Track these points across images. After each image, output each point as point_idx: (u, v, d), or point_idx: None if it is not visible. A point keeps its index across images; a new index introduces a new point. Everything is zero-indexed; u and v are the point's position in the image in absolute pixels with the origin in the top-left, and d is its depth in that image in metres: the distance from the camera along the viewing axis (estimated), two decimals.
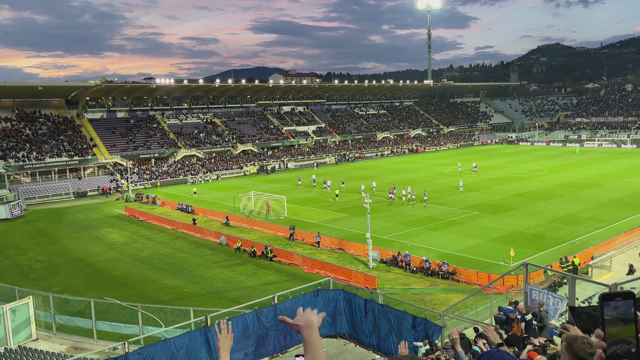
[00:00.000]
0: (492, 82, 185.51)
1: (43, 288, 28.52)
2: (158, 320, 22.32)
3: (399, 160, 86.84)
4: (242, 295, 26.99)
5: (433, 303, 25.11)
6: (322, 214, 46.50)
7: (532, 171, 66.52)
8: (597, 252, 29.77)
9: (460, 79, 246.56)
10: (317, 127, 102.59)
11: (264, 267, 32.70)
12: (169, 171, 74.48)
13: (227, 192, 59.90)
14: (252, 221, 44.62)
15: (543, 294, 14.50)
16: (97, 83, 75.60)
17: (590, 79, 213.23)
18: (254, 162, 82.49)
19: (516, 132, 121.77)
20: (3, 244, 42.25)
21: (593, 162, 74.26)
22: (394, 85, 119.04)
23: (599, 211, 42.19)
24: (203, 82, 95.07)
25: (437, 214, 43.83)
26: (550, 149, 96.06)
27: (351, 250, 34.62)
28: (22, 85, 72.92)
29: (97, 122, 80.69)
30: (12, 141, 68.44)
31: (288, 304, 20.33)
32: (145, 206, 55.49)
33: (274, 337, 19.70)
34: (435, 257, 31.36)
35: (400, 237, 37.10)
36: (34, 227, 48.24)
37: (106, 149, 74.82)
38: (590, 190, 51.58)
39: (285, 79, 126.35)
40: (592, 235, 35.09)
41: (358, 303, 20.47)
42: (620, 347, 1.53)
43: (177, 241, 40.52)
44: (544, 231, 36.72)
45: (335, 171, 74.71)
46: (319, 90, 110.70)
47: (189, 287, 29.44)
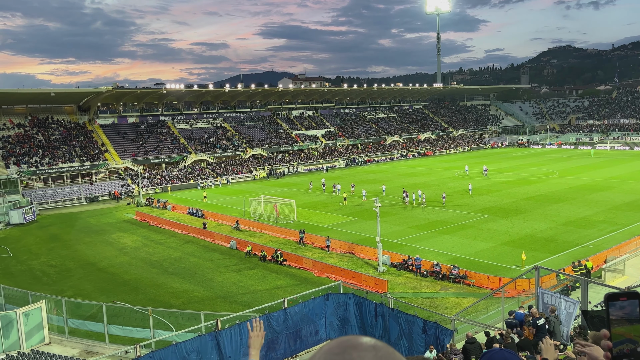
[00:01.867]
0: (502, 85, 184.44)
1: (55, 292, 28.80)
2: (169, 324, 22.42)
3: (409, 164, 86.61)
4: (252, 300, 27.04)
5: (444, 307, 24.97)
6: (331, 217, 46.49)
7: (543, 174, 66.00)
8: (610, 255, 29.44)
9: (470, 82, 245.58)
10: (327, 131, 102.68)
11: (274, 271, 32.73)
12: (179, 176, 74.92)
13: (237, 197, 60.12)
14: (262, 225, 44.72)
15: (555, 297, 14.37)
16: (108, 89, 76.38)
17: (602, 81, 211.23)
18: (263, 167, 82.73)
19: (527, 135, 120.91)
20: (16, 248, 42.72)
21: (605, 164, 73.51)
22: (403, 89, 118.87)
23: (611, 214, 41.73)
24: (213, 87, 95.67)
25: (448, 217, 43.62)
26: (562, 152, 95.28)
27: (361, 254, 34.55)
28: (34, 92, 73.85)
29: (108, 127, 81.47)
30: (25, 147, 69.28)
31: (298, 308, 20.33)
32: (156, 211, 55.85)
33: (284, 341, 19.69)
34: (445, 260, 31.19)
35: (411, 240, 36.97)
36: (47, 232, 48.73)
37: (117, 154, 75.46)
38: (603, 193, 51.05)
39: (294, 83, 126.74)
40: (605, 238, 34.70)
41: (368, 307, 20.42)
42: (626, 346, 1.55)
43: (188, 245, 40.71)
44: (556, 234, 36.39)
45: (344, 175, 74.69)
46: (328, 95, 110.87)
47: (199, 291, 29.54)
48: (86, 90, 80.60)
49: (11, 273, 35.50)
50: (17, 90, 71.55)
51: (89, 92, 79.21)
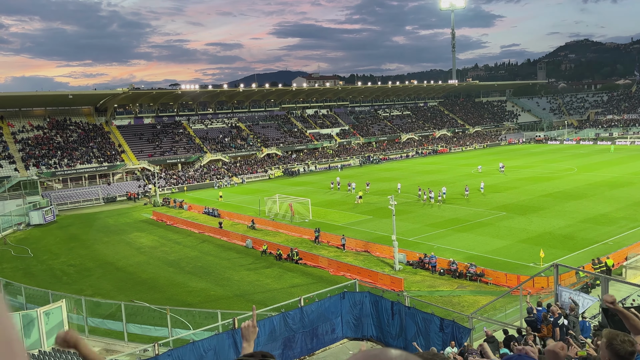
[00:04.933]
0: (518, 81, 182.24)
1: (75, 291, 29.23)
2: (186, 323, 22.61)
3: (424, 162, 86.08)
4: (268, 298, 27.12)
5: (461, 305, 24.77)
6: (347, 216, 46.42)
7: (561, 170, 65.08)
8: (631, 252, 28.91)
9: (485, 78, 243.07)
10: (341, 130, 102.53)
11: (289, 269, 32.80)
12: (195, 176, 75.46)
13: (253, 196, 60.36)
14: (278, 224, 44.83)
15: (574, 295, 14.15)
16: (124, 90, 77.25)
17: (622, 75, 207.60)
18: (278, 166, 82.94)
19: (544, 131, 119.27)
20: (37, 248, 43.46)
21: (625, 160, 72.20)
22: (418, 86, 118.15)
23: (632, 210, 40.97)
24: (227, 87, 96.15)
25: (464, 215, 43.26)
26: (581, 147, 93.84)
27: (377, 252, 34.43)
28: (53, 94, 74.99)
29: (124, 128, 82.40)
30: (44, 148, 70.42)
31: (314, 306, 20.34)
32: (172, 210, 56.34)
33: (301, 339, 19.73)
34: (462, 258, 30.94)
35: (427, 239, 36.74)
36: (66, 232, 49.47)
37: (134, 154, 76.28)
38: (623, 189, 50.15)
39: (308, 82, 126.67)
40: (626, 235, 34.08)
41: (385, 305, 20.35)
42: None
43: (204, 245, 41.00)
44: (575, 232, 35.86)
45: (359, 173, 74.51)
46: (342, 93, 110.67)
47: (216, 290, 29.73)
48: (103, 92, 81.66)
49: (32, 273, 36.12)
50: (35, 93, 72.76)
51: (105, 93, 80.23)
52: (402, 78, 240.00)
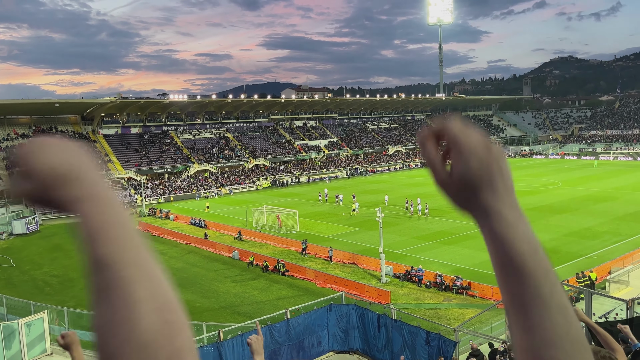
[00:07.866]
0: (504, 96, 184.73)
1: (58, 302, 28.72)
2: None
3: (411, 174, 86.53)
4: (254, 310, 26.92)
5: (447, 318, 24.81)
6: (334, 228, 46.41)
7: (546, 184, 65.85)
8: (615, 266, 29.27)
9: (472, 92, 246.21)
10: (329, 142, 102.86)
11: (276, 281, 32.63)
12: (182, 186, 75.03)
13: (240, 207, 60.09)
14: (265, 235, 44.66)
15: None
16: (112, 99, 76.83)
17: (605, 92, 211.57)
18: (266, 177, 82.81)
19: (530, 145, 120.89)
20: (19, 258, 42.73)
21: (609, 175, 73.32)
22: (406, 99, 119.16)
23: (615, 225, 41.55)
24: (216, 98, 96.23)
25: (451, 228, 43.50)
26: (565, 162, 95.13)
27: (364, 264, 34.44)
28: (39, 102, 74.37)
29: (111, 137, 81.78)
30: None
31: (301, 318, 20.25)
32: (158, 221, 55.86)
33: (287, 352, 19.59)
34: (449, 271, 31.05)
35: (414, 251, 36.85)
36: (50, 242, 48.75)
37: (120, 164, 75.69)
38: (607, 203, 50.87)
39: (297, 93, 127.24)
40: (609, 249, 34.53)
41: (371, 318, 20.32)
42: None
43: (190, 255, 40.66)
44: (560, 245, 36.22)
45: (347, 185, 74.64)
46: (330, 105, 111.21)
47: (201, 302, 29.45)
48: (90, 101, 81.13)
49: (13, 283, 35.49)
50: (21, 100, 72.11)
51: (92, 102, 79.70)
52: (390, 91, 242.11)
